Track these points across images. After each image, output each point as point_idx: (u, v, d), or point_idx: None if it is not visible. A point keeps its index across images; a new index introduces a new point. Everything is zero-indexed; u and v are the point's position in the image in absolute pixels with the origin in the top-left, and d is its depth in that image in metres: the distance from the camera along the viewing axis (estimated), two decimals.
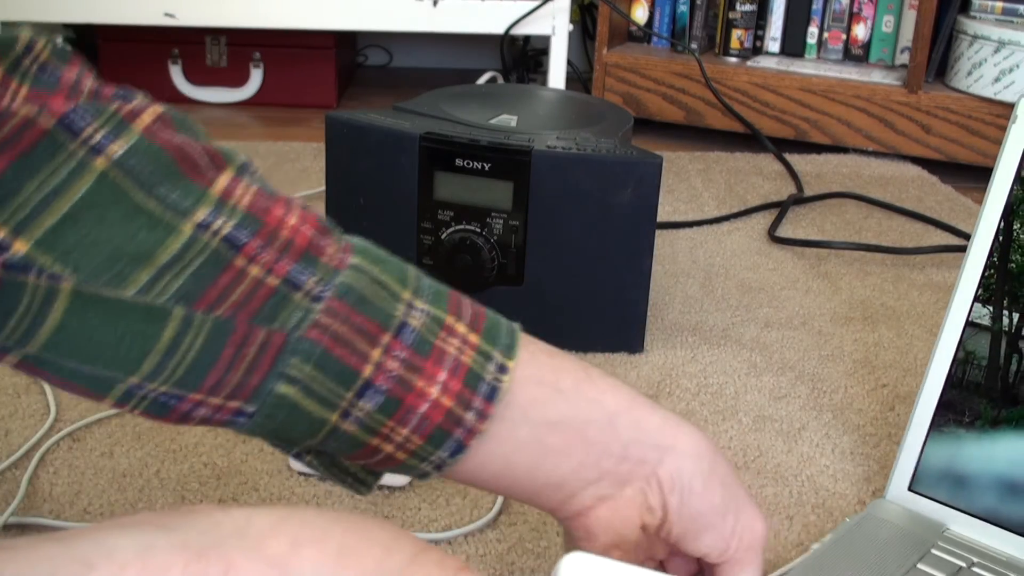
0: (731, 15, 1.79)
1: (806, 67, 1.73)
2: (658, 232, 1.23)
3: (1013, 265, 0.66)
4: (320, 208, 1.30)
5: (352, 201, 1.00)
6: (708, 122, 1.72)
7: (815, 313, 1.09)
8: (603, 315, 0.97)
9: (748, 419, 0.87)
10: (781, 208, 1.37)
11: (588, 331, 0.98)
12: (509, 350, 0.47)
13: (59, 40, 2.00)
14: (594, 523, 0.48)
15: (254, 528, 0.30)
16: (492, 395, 0.45)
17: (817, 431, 0.86)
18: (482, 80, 1.71)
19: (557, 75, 1.78)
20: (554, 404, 0.47)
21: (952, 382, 0.68)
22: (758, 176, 1.55)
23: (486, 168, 0.94)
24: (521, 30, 1.76)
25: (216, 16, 1.72)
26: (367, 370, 0.43)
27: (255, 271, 0.42)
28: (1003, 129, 1.52)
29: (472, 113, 1.03)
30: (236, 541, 0.30)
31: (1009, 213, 0.66)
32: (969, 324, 0.67)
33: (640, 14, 1.84)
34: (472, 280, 0.97)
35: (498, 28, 1.75)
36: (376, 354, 0.44)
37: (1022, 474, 0.65)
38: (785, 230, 1.33)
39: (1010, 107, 1.58)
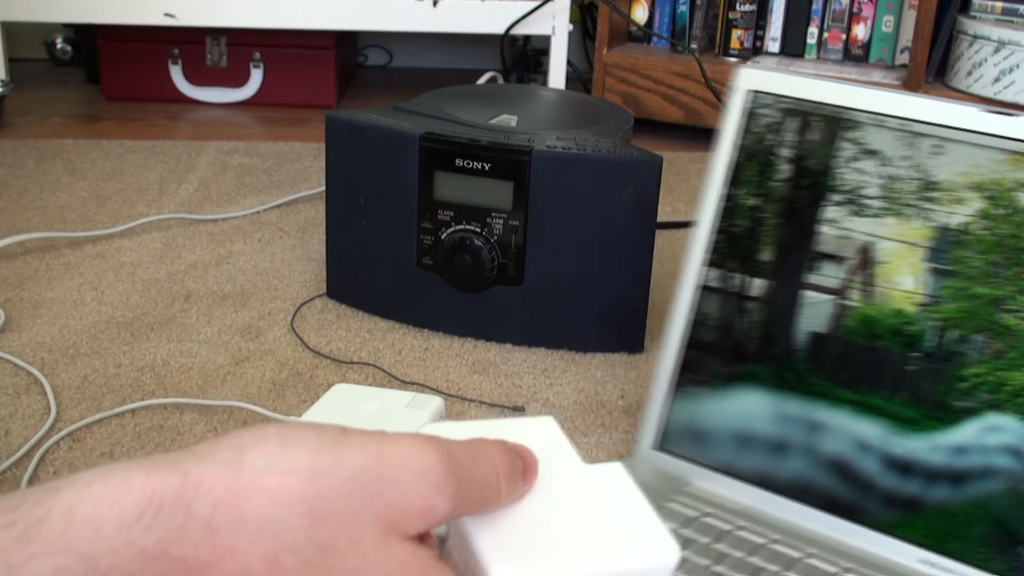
0: (731, 15, 1.79)
1: (806, 67, 1.72)
2: (658, 232, 1.22)
3: (738, 229, 0.70)
4: (320, 207, 1.30)
5: (352, 201, 1.00)
6: (708, 122, 1.72)
7: None
8: (603, 315, 0.97)
9: None
10: None
11: (588, 331, 0.98)
12: None
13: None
14: None
15: (199, 447, 0.33)
16: None
17: None
18: (482, 80, 1.71)
19: (557, 75, 1.78)
20: None
21: (690, 343, 0.71)
22: None
23: (486, 168, 0.94)
24: (521, 30, 1.76)
25: (216, 16, 1.72)
26: None
27: None
28: None
29: (472, 113, 1.03)
30: (187, 456, 0.33)
31: (732, 180, 0.70)
32: (702, 287, 0.71)
33: (640, 14, 1.84)
34: (472, 280, 0.97)
35: (498, 28, 1.75)
36: None
37: (753, 427, 0.68)
38: None
39: (1011, 107, 1.58)
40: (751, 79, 0.71)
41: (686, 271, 0.71)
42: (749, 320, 0.69)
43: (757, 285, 0.69)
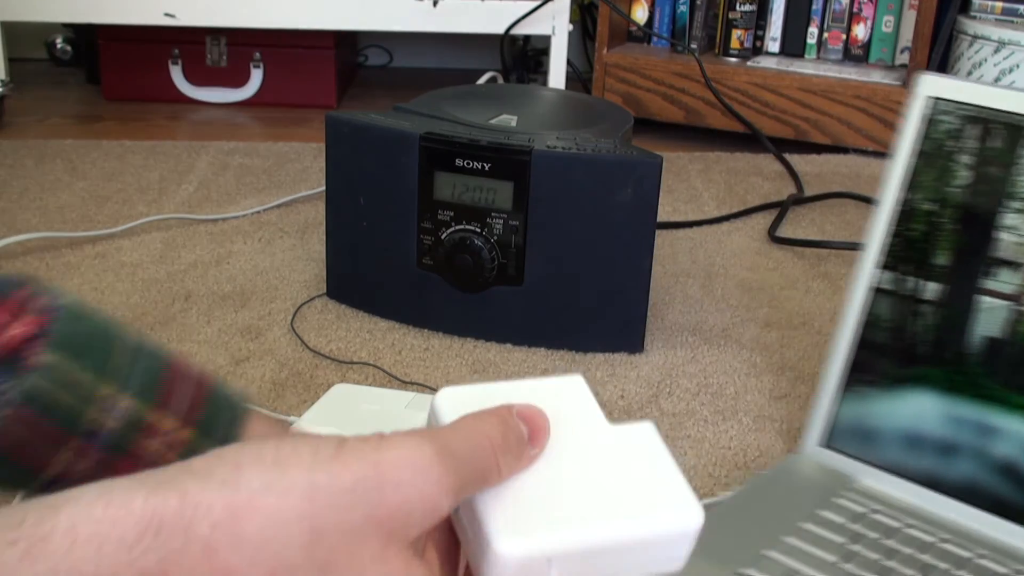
0: (731, 15, 1.79)
1: (806, 67, 1.72)
2: (658, 232, 1.22)
3: (913, 234, 0.71)
4: (320, 207, 1.30)
5: (352, 201, 1.00)
6: (708, 122, 1.72)
7: (815, 313, 1.09)
8: (603, 315, 0.97)
9: (748, 419, 0.87)
10: (781, 208, 1.37)
11: (588, 331, 0.98)
12: (227, 440, 0.46)
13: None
14: None
15: (196, 465, 0.33)
16: None
17: None
18: (482, 80, 1.70)
19: (557, 75, 1.78)
20: None
21: (860, 344, 0.72)
22: (758, 176, 1.55)
23: (486, 168, 0.94)
24: (521, 30, 1.76)
25: (216, 16, 1.72)
26: (50, 470, 0.44)
27: None
28: None
29: (472, 113, 1.03)
30: (186, 474, 0.33)
31: (909, 185, 0.71)
32: (875, 289, 0.72)
33: (640, 14, 1.84)
34: (472, 280, 0.97)
35: (498, 28, 1.75)
36: (64, 457, 0.44)
37: (923, 428, 0.69)
38: (785, 230, 1.33)
39: None
40: (932, 86, 0.71)
41: (858, 272, 0.72)
42: (922, 323, 0.70)
43: (931, 289, 0.70)
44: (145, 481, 0.32)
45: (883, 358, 0.71)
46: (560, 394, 0.41)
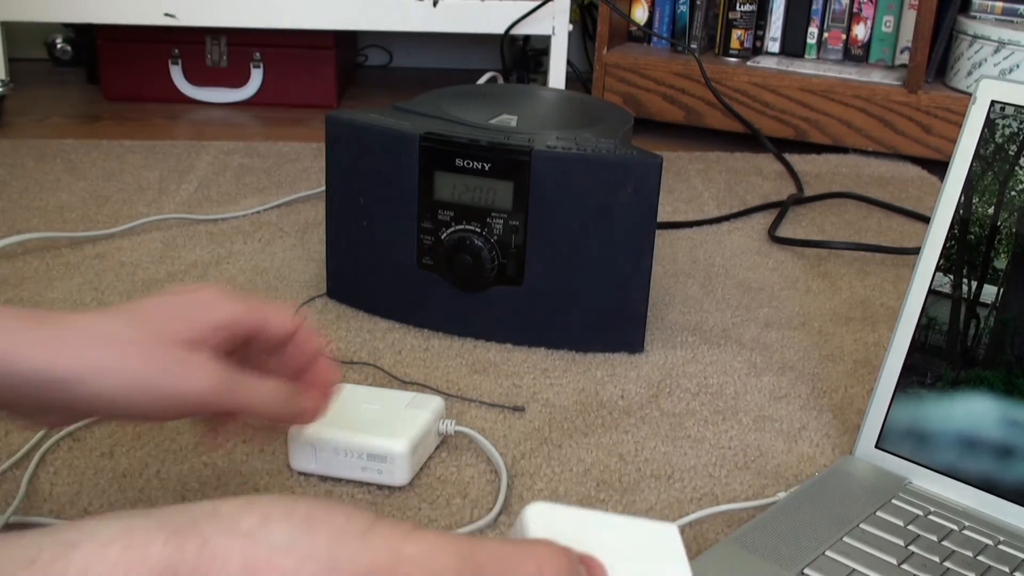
0: (731, 15, 1.79)
1: (806, 67, 1.72)
2: (658, 232, 1.22)
3: (972, 236, 0.71)
4: (320, 207, 1.30)
5: (352, 201, 1.00)
6: (708, 122, 1.72)
7: (815, 313, 1.09)
8: (603, 315, 0.97)
9: (748, 419, 0.87)
10: (781, 208, 1.37)
11: (588, 331, 0.98)
12: None
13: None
14: None
15: (224, 509, 0.33)
16: None
17: (817, 431, 0.86)
18: (482, 80, 1.70)
19: (557, 75, 1.78)
20: None
21: (916, 346, 0.73)
22: (758, 176, 1.55)
23: (486, 168, 0.94)
24: (521, 30, 1.76)
25: (216, 16, 1.72)
26: None
27: None
28: None
29: (472, 113, 1.03)
30: (210, 520, 0.32)
31: (969, 188, 0.71)
32: (931, 292, 0.72)
33: (640, 14, 1.84)
34: (472, 280, 0.97)
35: (498, 28, 1.75)
36: None
37: (979, 431, 0.70)
38: (785, 230, 1.33)
39: None
40: (993, 89, 0.71)
41: (915, 274, 0.73)
42: (979, 326, 0.70)
43: (989, 292, 0.70)
44: (166, 523, 0.32)
45: (939, 360, 0.72)
46: (651, 540, 0.40)
